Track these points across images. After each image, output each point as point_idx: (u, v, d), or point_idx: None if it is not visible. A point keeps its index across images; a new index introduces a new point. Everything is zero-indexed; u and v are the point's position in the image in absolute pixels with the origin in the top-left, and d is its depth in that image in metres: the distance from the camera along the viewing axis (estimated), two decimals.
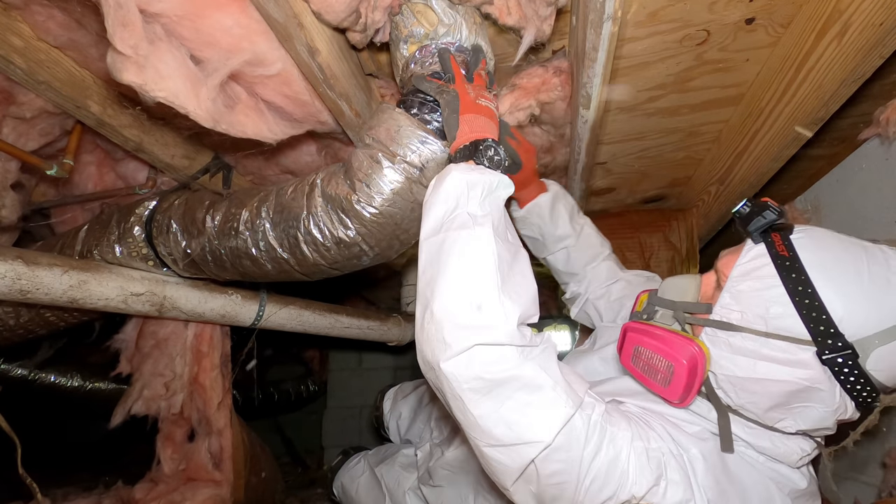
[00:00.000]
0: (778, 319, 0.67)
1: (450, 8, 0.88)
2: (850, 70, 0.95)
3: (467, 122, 0.81)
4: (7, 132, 1.15)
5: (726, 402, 0.76)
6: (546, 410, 0.66)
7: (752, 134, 1.27)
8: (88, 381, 2.08)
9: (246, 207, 0.99)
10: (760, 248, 0.72)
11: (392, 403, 1.84)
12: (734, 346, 0.71)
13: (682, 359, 0.71)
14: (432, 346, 0.68)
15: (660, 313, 0.84)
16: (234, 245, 0.99)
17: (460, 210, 0.73)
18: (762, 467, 0.75)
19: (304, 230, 0.90)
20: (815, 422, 0.70)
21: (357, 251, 0.91)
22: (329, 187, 0.89)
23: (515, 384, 0.66)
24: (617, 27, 0.80)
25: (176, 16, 0.77)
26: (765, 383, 0.69)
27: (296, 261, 0.95)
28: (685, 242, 1.85)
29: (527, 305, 0.70)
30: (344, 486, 1.63)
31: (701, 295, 0.81)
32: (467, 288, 0.68)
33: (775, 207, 0.73)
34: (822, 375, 0.66)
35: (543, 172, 1.48)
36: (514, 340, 0.67)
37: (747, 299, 0.71)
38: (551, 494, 0.68)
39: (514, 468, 0.68)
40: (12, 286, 0.93)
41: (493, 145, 0.80)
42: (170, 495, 1.45)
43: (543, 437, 0.65)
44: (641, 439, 0.70)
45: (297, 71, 0.93)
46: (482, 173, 0.76)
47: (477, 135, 0.80)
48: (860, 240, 0.70)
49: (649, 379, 0.78)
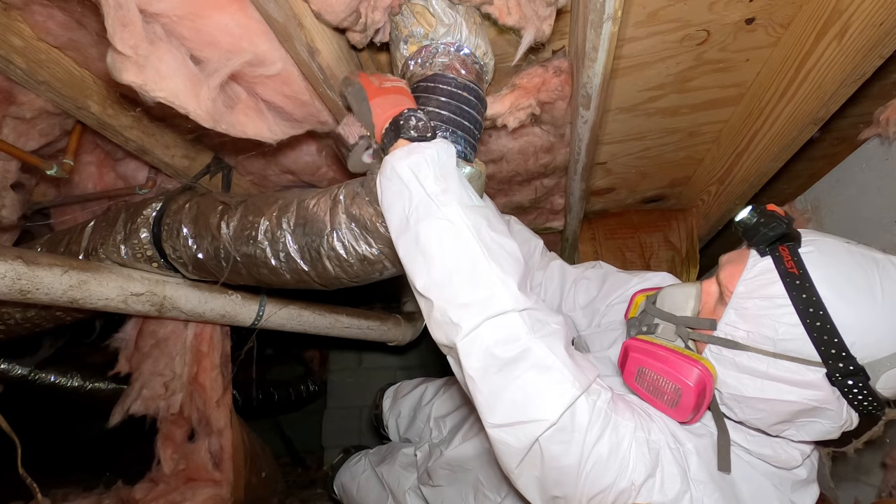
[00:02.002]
0: (787, 341, 0.65)
1: (450, 8, 0.88)
2: (850, 70, 0.95)
3: (378, 105, 0.81)
4: (7, 132, 1.15)
5: (729, 415, 0.75)
6: (552, 389, 0.66)
7: (752, 134, 1.27)
8: (88, 381, 2.07)
9: (265, 216, 0.99)
10: (767, 263, 0.68)
11: (391, 402, 1.84)
12: (740, 365, 0.70)
13: (689, 381, 0.70)
14: (444, 329, 0.69)
15: (661, 327, 0.82)
16: (251, 253, 1.00)
17: (417, 197, 0.72)
18: (760, 465, 0.75)
19: (328, 245, 0.91)
20: (820, 435, 0.70)
21: (380, 267, 0.92)
22: (353, 207, 0.89)
23: (525, 363, 0.66)
24: (617, 27, 0.80)
25: (176, 16, 0.77)
26: (772, 403, 0.68)
27: (316, 273, 0.96)
28: (685, 242, 1.85)
29: (518, 264, 0.71)
30: (344, 485, 1.63)
31: (703, 306, 0.79)
32: (458, 269, 0.69)
33: (783, 218, 0.69)
34: (832, 396, 0.65)
35: (543, 172, 1.48)
36: (520, 302, 0.67)
37: (754, 318, 0.68)
38: (553, 479, 0.68)
39: (519, 448, 0.68)
40: (12, 286, 0.93)
41: (412, 113, 0.79)
42: (170, 495, 1.45)
43: (548, 416, 0.65)
44: (643, 430, 0.70)
45: (297, 71, 0.93)
46: (420, 151, 0.75)
47: (393, 111, 0.79)
48: (870, 250, 0.67)
49: (655, 399, 0.76)
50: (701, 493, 0.68)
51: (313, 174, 1.42)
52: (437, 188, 0.72)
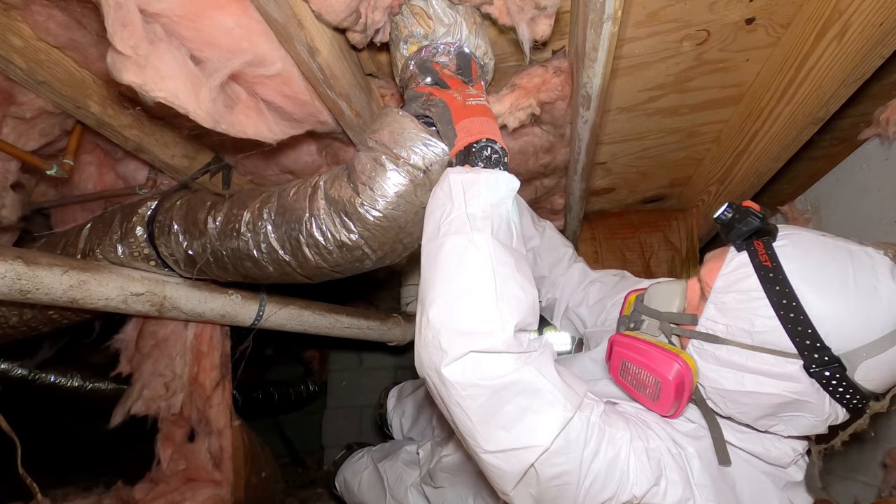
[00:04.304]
0: (763, 333, 0.66)
1: (450, 8, 0.88)
2: (850, 70, 0.95)
3: (463, 129, 0.78)
4: (7, 132, 1.15)
5: (717, 410, 0.76)
6: (544, 414, 0.65)
7: (752, 134, 1.27)
8: (88, 381, 2.07)
9: (248, 209, 0.98)
10: (743, 257, 0.70)
11: (396, 401, 1.84)
12: (721, 358, 0.71)
13: (668, 375, 0.71)
14: (430, 351, 0.67)
15: (646, 323, 0.83)
16: (235, 246, 0.99)
17: (457, 212, 0.70)
18: (756, 462, 0.75)
19: (307, 232, 0.90)
20: (807, 429, 0.70)
21: (360, 254, 0.91)
22: (332, 190, 0.88)
23: (513, 389, 0.65)
24: (617, 27, 0.80)
25: (176, 16, 0.76)
26: (753, 395, 0.69)
27: (297, 263, 0.95)
28: (685, 242, 1.85)
29: (525, 313, 0.68)
30: (346, 481, 1.63)
31: (687, 303, 0.80)
32: (463, 294, 0.66)
33: (757, 213, 0.70)
34: (811, 388, 0.66)
35: (543, 172, 1.48)
36: (511, 348, 0.65)
37: (732, 312, 0.69)
38: (552, 496, 0.68)
39: (513, 473, 0.67)
40: (12, 286, 0.93)
41: (489, 144, 0.77)
42: (170, 495, 1.45)
43: (542, 441, 0.64)
44: (640, 439, 0.70)
45: (297, 71, 0.93)
46: (478, 172, 0.73)
47: (472, 137, 0.78)
48: (846, 241, 0.68)
49: (638, 393, 0.77)
50: (704, 497, 0.68)
51: (313, 174, 1.42)
52: (480, 212, 0.70)
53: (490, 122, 0.82)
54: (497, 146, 0.78)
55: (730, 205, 0.74)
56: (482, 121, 0.81)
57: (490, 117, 0.83)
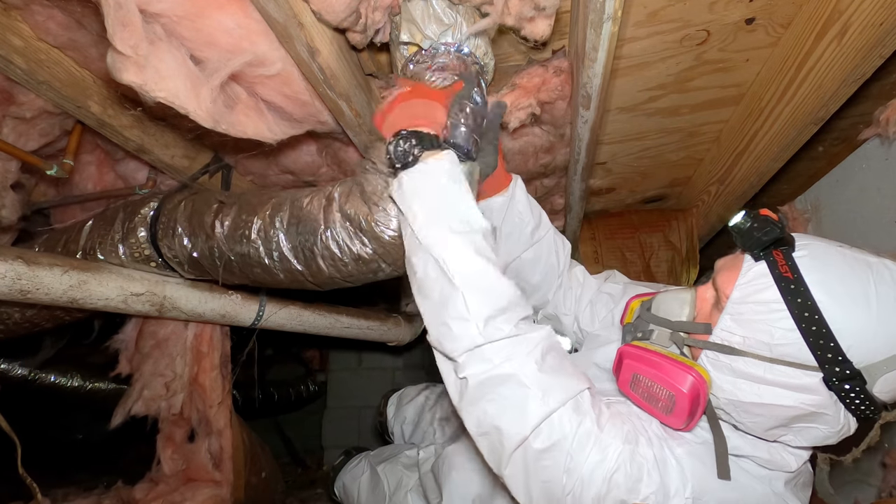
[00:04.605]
0: (783, 346, 0.65)
1: (450, 8, 0.88)
2: (850, 70, 0.95)
3: (386, 131, 0.82)
4: (7, 132, 1.15)
5: (727, 420, 0.75)
6: (524, 406, 0.67)
7: (752, 134, 1.27)
8: (88, 382, 2.07)
9: (258, 215, 0.98)
10: (762, 268, 0.68)
11: (396, 408, 1.83)
12: (737, 370, 0.69)
13: (683, 388, 0.69)
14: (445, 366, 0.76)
15: (656, 333, 0.81)
16: (245, 252, 0.99)
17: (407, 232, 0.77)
18: (755, 469, 0.74)
19: (322, 245, 0.90)
20: (818, 440, 0.70)
21: (374, 267, 0.91)
22: (348, 205, 0.88)
23: (496, 381, 0.69)
24: (617, 27, 0.80)
25: (176, 16, 0.76)
26: (769, 407, 0.68)
27: (310, 273, 0.95)
28: (685, 242, 1.85)
29: (496, 300, 0.72)
30: (345, 486, 1.63)
31: (698, 311, 0.79)
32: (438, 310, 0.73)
33: (777, 222, 0.69)
34: (829, 400, 0.65)
35: (543, 172, 1.48)
36: (491, 337, 0.69)
37: (750, 324, 0.68)
38: (539, 490, 0.69)
39: (496, 457, 0.70)
40: (12, 286, 0.93)
41: (394, 139, 0.78)
42: (170, 495, 1.45)
43: (522, 431, 0.67)
44: (630, 442, 0.69)
45: (297, 71, 0.93)
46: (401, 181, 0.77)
47: (388, 138, 0.80)
48: (863, 253, 0.67)
49: (650, 406, 0.76)
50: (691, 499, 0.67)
51: (313, 174, 1.42)
52: (421, 224, 0.74)
53: (409, 106, 0.81)
54: (403, 134, 0.78)
55: (747, 213, 0.72)
56: (398, 111, 0.81)
57: (417, 97, 0.81)
